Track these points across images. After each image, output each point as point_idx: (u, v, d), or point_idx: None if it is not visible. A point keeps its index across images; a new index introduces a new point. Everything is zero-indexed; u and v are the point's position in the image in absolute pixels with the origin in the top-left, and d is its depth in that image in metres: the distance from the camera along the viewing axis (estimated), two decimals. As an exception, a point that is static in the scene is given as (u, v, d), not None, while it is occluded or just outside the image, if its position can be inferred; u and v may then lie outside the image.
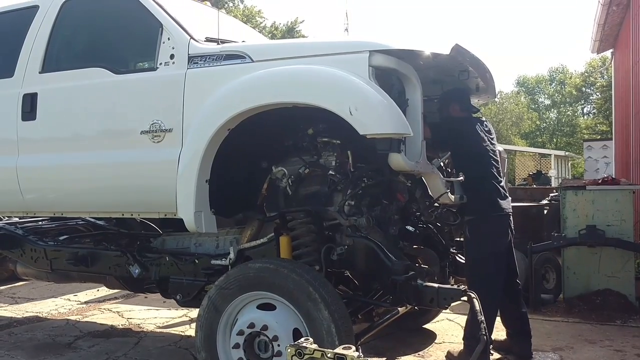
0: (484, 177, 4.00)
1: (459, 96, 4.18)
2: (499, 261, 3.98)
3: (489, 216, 3.97)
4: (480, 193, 3.98)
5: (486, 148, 4.07)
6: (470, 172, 3.99)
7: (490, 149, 4.12)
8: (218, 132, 3.35)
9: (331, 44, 3.47)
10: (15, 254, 4.77)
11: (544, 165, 22.07)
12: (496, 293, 3.93)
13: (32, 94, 4.06)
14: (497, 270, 3.97)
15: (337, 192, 3.58)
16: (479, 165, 4.01)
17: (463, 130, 4.04)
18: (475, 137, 4.05)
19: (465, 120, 4.14)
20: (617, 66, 13.76)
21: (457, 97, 4.18)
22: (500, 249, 3.99)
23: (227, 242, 3.96)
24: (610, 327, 5.13)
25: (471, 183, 3.97)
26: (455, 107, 4.14)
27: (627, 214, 5.67)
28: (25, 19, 4.30)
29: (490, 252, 3.93)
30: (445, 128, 4.06)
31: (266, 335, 3.19)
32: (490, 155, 4.08)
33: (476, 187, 3.97)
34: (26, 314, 6.09)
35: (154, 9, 3.77)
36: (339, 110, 3.05)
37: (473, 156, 4.01)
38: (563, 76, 49.29)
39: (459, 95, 4.19)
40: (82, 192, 3.97)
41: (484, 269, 3.92)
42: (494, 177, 4.05)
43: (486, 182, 4.00)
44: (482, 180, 3.99)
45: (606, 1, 10.21)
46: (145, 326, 5.50)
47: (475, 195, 3.97)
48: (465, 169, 4.02)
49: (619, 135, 13.45)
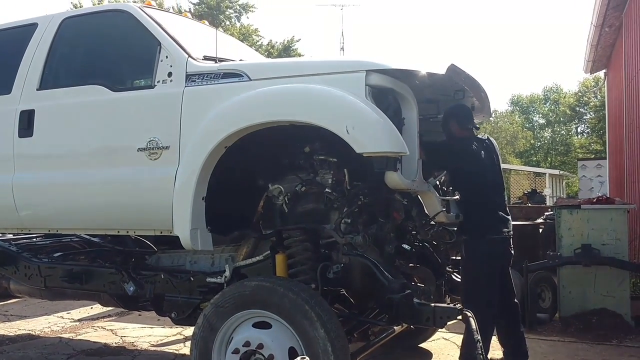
0: (481, 198, 3.98)
1: (457, 113, 4.12)
2: (492, 281, 3.98)
3: (485, 238, 3.97)
4: (477, 214, 3.96)
5: (485, 168, 4.06)
6: (467, 193, 4.00)
7: (491, 169, 4.12)
8: (215, 149, 3.36)
9: (328, 63, 3.51)
10: (8, 270, 4.73)
11: (539, 184, 22.14)
12: (491, 312, 3.92)
13: (29, 110, 4.06)
14: (491, 290, 3.97)
15: (334, 210, 3.58)
16: (476, 187, 3.99)
17: (461, 150, 4.01)
18: (474, 157, 4.02)
19: (465, 140, 4.08)
20: (610, 86, 13.90)
21: (456, 114, 4.12)
22: (493, 270, 4.00)
23: (222, 259, 3.95)
24: (607, 347, 5.11)
25: (467, 204, 3.97)
26: (454, 124, 4.10)
27: (621, 233, 5.70)
28: (23, 36, 4.32)
29: (485, 273, 3.94)
30: (445, 147, 4.09)
31: (262, 354, 3.16)
32: (489, 175, 4.08)
33: (472, 208, 3.97)
34: (19, 331, 6.03)
35: (152, 27, 3.81)
36: (336, 129, 3.08)
37: (471, 177, 3.99)
38: (557, 95, 49.66)
39: (458, 111, 4.12)
40: (78, 209, 3.96)
41: (478, 289, 3.92)
42: (492, 198, 4.04)
43: (482, 203, 3.99)
44: (479, 201, 3.97)
45: (599, 23, 10.34)
46: (140, 344, 5.45)
47: (472, 216, 3.97)
48: (463, 189, 4.02)
49: (612, 155, 13.54)
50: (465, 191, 4.01)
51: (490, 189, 4.08)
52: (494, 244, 3.99)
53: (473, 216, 3.97)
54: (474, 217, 3.97)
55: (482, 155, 4.09)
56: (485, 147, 4.19)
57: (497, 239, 4.00)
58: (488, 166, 4.11)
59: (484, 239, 3.96)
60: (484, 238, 3.96)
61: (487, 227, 3.98)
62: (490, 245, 3.97)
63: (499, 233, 4.01)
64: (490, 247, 3.97)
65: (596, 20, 10.32)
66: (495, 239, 3.99)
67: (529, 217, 9.18)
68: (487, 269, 3.95)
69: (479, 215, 3.97)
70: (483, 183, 4.02)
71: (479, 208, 3.97)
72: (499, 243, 4.01)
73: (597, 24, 10.42)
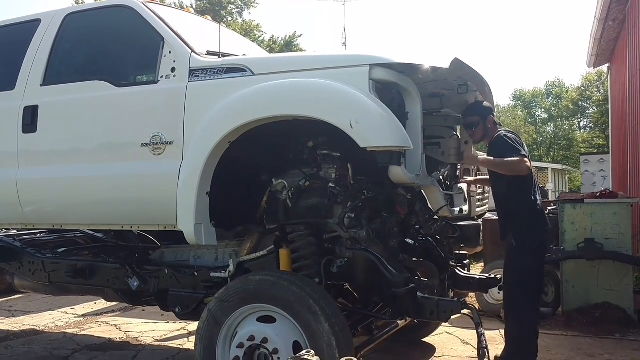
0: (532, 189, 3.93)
1: (490, 108, 4.10)
2: (542, 275, 4.01)
3: (536, 229, 3.93)
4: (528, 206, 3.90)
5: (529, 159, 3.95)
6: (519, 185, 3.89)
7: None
8: (219, 144, 3.37)
9: (332, 58, 3.51)
10: (13, 266, 4.75)
11: (542, 179, 22.10)
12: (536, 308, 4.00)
13: (33, 106, 4.07)
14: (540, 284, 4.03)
15: (337, 205, 3.59)
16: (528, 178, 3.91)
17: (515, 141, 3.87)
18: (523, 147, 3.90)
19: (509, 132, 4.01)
20: (613, 80, 13.86)
21: (490, 109, 4.08)
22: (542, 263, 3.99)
23: (226, 254, 3.96)
24: (610, 341, 5.12)
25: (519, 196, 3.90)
26: (491, 119, 4.04)
27: (625, 227, 5.68)
28: (27, 32, 4.32)
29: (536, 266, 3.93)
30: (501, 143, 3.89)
31: (266, 348, 3.18)
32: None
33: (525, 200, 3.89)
34: (23, 327, 6.05)
35: (156, 22, 3.81)
36: (339, 124, 3.08)
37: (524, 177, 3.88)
38: (559, 90, 49.54)
39: (489, 107, 4.10)
40: (82, 205, 3.97)
41: (528, 282, 3.88)
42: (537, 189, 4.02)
43: (534, 193, 3.94)
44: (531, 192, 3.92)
45: (602, 16, 10.30)
46: (143, 339, 5.47)
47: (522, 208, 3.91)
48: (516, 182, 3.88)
49: (615, 149, 13.51)
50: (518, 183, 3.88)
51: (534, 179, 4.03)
52: (543, 236, 4.00)
53: (523, 208, 3.91)
54: (524, 210, 3.91)
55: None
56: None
57: (546, 230, 4.01)
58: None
59: (534, 230, 3.91)
60: (534, 230, 3.91)
61: (538, 218, 3.93)
62: (540, 236, 3.96)
63: (547, 225, 4.01)
64: (541, 239, 3.96)
65: (600, 14, 10.28)
66: (545, 230, 4.00)
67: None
68: (538, 262, 3.93)
69: (531, 207, 3.91)
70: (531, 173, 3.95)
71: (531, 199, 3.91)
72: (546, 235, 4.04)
73: (601, 18, 10.38)
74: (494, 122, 4.05)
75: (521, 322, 3.89)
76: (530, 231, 3.90)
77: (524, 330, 3.89)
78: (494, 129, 4.02)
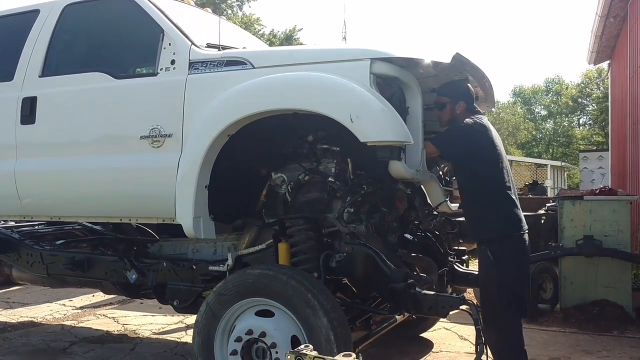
0: (502, 190, 3.44)
1: (465, 92, 3.64)
2: (525, 283, 3.53)
3: (513, 236, 3.41)
4: (498, 210, 3.42)
5: (501, 154, 3.51)
6: (484, 185, 3.43)
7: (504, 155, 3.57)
8: (218, 138, 3.35)
9: (332, 51, 3.49)
10: (10, 258, 4.74)
11: (540, 176, 22.11)
12: (519, 316, 3.51)
13: (31, 97, 4.05)
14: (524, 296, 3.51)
15: (337, 199, 3.58)
16: (495, 178, 3.44)
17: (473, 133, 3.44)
18: (489, 140, 3.48)
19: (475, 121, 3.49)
20: (613, 77, 13.84)
21: (464, 93, 3.63)
22: (526, 269, 3.55)
23: (225, 248, 3.95)
24: (607, 338, 5.12)
25: (483, 199, 3.43)
26: (461, 105, 3.58)
27: (624, 225, 5.68)
28: (25, 23, 4.30)
29: (518, 273, 3.45)
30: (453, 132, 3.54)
31: (264, 342, 3.18)
32: (505, 162, 3.54)
33: (492, 203, 3.42)
34: (21, 318, 6.05)
35: (155, 14, 3.78)
36: (339, 118, 3.06)
37: (487, 166, 3.45)
38: (559, 87, 49.49)
39: (466, 90, 3.65)
40: (80, 197, 3.96)
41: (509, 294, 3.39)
42: (511, 190, 3.49)
43: (504, 196, 3.44)
44: (500, 194, 3.44)
45: (603, 13, 10.28)
46: (141, 332, 5.47)
47: (491, 213, 3.42)
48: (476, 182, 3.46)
49: (615, 147, 13.51)
50: (480, 184, 3.43)
51: (508, 179, 3.48)
52: (522, 242, 3.44)
53: (492, 213, 3.41)
54: (493, 214, 3.41)
55: (495, 139, 3.52)
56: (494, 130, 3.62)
57: (523, 235, 3.45)
58: (503, 152, 3.56)
59: (510, 238, 3.41)
60: (510, 237, 3.41)
61: (512, 224, 3.42)
62: (519, 243, 3.43)
63: (524, 229, 3.45)
64: (520, 245, 3.43)
65: (601, 11, 10.26)
66: (522, 235, 3.44)
67: (531, 209, 9.16)
68: (519, 269, 3.44)
69: (501, 210, 3.41)
70: (501, 172, 3.45)
71: (500, 202, 3.42)
72: (525, 240, 3.46)
73: (602, 14, 10.36)
74: (465, 109, 3.57)
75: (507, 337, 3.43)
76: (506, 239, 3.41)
77: (512, 344, 3.43)
78: (464, 116, 3.52)
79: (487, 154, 3.45)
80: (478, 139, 3.43)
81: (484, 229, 3.45)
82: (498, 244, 3.38)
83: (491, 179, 3.44)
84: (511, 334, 3.44)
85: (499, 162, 3.47)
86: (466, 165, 3.49)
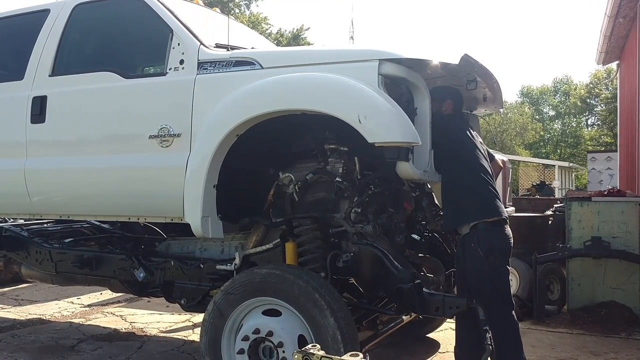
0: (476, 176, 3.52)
1: (456, 96, 3.81)
2: (506, 272, 3.52)
3: (491, 221, 3.46)
4: (474, 195, 3.49)
5: (474, 146, 3.63)
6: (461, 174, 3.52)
7: (483, 154, 3.69)
8: (226, 138, 3.36)
9: (341, 52, 3.49)
10: (20, 255, 4.78)
11: (548, 176, 22.03)
12: (511, 307, 3.53)
13: (41, 96, 4.08)
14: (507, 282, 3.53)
15: (344, 199, 3.59)
16: (468, 165, 3.55)
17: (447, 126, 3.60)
18: (461, 132, 3.63)
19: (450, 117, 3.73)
20: (622, 78, 13.77)
21: (455, 96, 3.81)
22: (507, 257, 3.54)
23: (232, 247, 3.97)
24: (615, 340, 5.10)
25: (460, 188, 3.52)
26: (448, 104, 3.74)
27: (632, 226, 5.66)
28: (36, 22, 4.33)
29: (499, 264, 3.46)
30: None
31: (271, 341, 3.19)
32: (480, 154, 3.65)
33: (468, 189, 3.50)
34: (29, 316, 6.09)
35: (165, 14, 3.80)
36: (348, 118, 3.07)
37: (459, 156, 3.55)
38: (567, 87, 49.30)
39: (456, 95, 3.82)
40: (89, 196, 3.98)
41: (494, 284, 3.46)
42: (487, 176, 3.56)
43: (481, 181, 3.51)
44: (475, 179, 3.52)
45: (613, 13, 10.23)
46: (149, 330, 5.50)
47: (468, 198, 3.49)
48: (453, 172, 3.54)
49: (623, 147, 13.43)
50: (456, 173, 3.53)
51: (485, 167, 3.59)
52: (503, 228, 3.51)
53: (469, 198, 3.48)
54: (470, 199, 3.48)
55: (469, 132, 3.71)
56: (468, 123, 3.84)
57: (503, 220, 3.51)
58: (477, 144, 3.69)
59: (489, 223, 3.45)
60: (489, 222, 3.45)
61: (490, 209, 3.47)
62: (500, 229, 3.49)
63: (503, 214, 3.49)
64: (501, 231, 3.49)
65: (610, 11, 10.21)
66: (502, 220, 3.50)
67: (538, 209, 9.14)
68: (502, 258, 3.49)
69: (478, 194, 3.48)
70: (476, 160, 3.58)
71: (477, 187, 3.50)
72: (506, 226, 3.52)
73: (611, 15, 10.31)
74: (452, 108, 3.74)
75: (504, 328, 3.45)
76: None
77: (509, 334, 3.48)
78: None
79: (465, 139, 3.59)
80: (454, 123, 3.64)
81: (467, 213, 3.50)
82: (486, 234, 3.43)
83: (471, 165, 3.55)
84: (510, 331, 3.47)
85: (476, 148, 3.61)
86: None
